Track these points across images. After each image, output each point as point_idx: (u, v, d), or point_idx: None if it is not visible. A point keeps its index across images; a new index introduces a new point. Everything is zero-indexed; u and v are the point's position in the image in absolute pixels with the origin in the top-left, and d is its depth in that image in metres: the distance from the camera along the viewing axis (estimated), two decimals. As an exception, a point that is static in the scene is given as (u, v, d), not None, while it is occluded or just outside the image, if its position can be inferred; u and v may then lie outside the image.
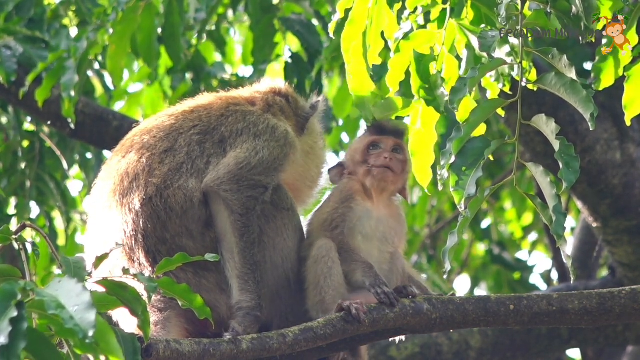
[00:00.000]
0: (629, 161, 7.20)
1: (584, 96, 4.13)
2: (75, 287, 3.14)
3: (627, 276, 7.51)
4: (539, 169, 4.18)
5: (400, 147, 4.70)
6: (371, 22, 4.62)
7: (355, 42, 4.65)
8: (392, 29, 4.61)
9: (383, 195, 4.66)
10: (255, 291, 4.38)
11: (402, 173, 4.68)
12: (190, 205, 4.44)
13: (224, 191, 4.44)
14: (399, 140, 4.70)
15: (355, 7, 4.62)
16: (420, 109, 4.60)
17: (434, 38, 4.54)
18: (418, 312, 4.30)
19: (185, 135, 4.58)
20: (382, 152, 4.66)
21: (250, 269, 4.40)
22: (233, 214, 4.43)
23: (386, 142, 4.69)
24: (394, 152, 4.67)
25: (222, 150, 4.56)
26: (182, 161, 4.51)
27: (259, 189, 4.50)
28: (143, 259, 4.38)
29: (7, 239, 3.65)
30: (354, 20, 4.64)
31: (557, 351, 7.64)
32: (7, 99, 7.54)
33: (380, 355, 7.34)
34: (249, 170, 4.49)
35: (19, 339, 3.06)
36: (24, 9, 7.41)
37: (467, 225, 4.19)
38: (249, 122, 4.62)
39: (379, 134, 4.70)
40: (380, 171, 4.63)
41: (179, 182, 4.45)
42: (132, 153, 4.56)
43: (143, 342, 3.67)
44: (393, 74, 4.59)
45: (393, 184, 4.66)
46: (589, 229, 8.33)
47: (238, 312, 4.35)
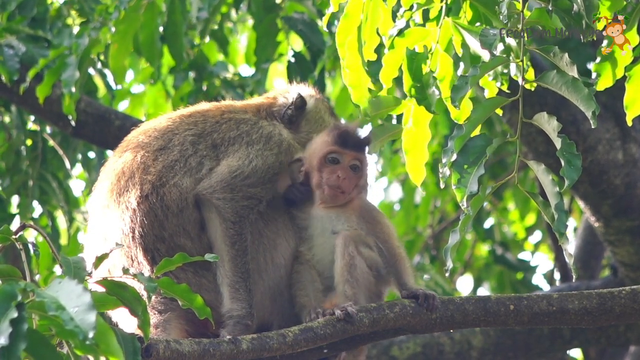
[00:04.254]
0: (631, 161, 7.19)
1: (586, 94, 4.13)
2: (76, 288, 3.14)
3: (629, 276, 7.50)
4: (540, 167, 4.18)
5: (359, 161, 4.60)
6: (366, 18, 4.61)
7: (351, 37, 4.64)
8: (387, 26, 4.61)
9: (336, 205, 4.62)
10: (246, 299, 4.38)
11: (355, 188, 4.60)
12: (185, 204, 4.45)
13: (217, 199, 4.44)
14: (359, 155, 4.60)
15: (350, 2, 4.61)
16: (412, 108, 4.59)
17: (429, 36, 4.53)
18: (418, 312, 4.30)
19: (180, 135, 4.59)
20: (338, 169, 4.56)
21: (242, 277, 4.40)
22: (225, 221, 4.43)
23: (345, 158, 4.59)
24: (351, 169, 4.58)
25: (215, 155, 4.55)
26: (175, 159, 4.52)
27: (254, 200, 4.50)
28: (142, 257, 4.39)
29: (7, 239, 3.65)
30: (348, 14, 4.63)
31: (558, 351, 7.64)
32: (9, 98, 7.55)
33: (382, 355, 7.34)
34: (242, 179, 4.48)
35: (19, 340, 3.06)
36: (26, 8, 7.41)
37: (469, 223, 4.18)
38: (242, 131, 4.61)
39: (341, 145, 4.59)
40: (331, 192, 4.56)
41: (174, 179, 4.47)
42: (127, 152, 4.58)
43: (143, 342, 3.67)
44: (386, 71, 4.57)
45: (344, 199, 4.59)
46: (592, 229, 8.32)
47: (228, 320, 4.35)
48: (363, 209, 4.61)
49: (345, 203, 4.60)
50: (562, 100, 4.26)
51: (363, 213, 4.60)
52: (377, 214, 4.64)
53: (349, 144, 4.59)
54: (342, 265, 4.45)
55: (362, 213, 4.60)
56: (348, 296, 4.38)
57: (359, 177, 4.60)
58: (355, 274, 4.44)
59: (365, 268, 4.49)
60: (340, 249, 4.47)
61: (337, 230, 4.55)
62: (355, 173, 4.59)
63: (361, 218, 4.59)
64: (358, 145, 4.61)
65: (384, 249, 4.52)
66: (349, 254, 4.46)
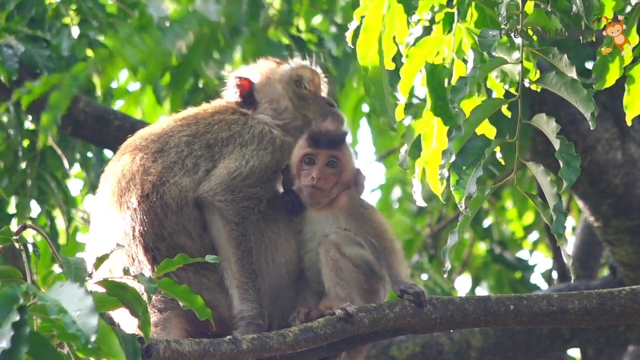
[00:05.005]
0: (630, 161, 7.20)
1: (585, 95, 4.13)
2: (78, 291, 3.15)
3: (628, 276, 7.51)
4: (539, 168, 4.18)
5: (336, 158, 4.60)
6: (385, 28, 4.59)
7: (372, 50, 4.60)
8: (403, 34, 4.59)
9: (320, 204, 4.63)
10: (255, 299, 4.39)
11: (336, 184, 4.59)
12: (185, 203, 4.46)
13: (219, 201, 4.46)
14: (334, 152, 4.60)
15: (369, 14, 4.59)
16: (435, 125, 4.57)
17: (443, 43, 4.53)
18: (418, 312, 4.30)
19: (175, 137, 4.61)
20: (312, 170, 4.57)
21: (249, 277, 4.41)
22: (228, 223, 4.44)
23: (319, 157, 4.59)
24: (328, 167, 4.59)
25: (210, 155, 4.56)
26: (173, 160, 4.54)
27: (254, 200, 4.51)
28: (142, 257, 4.40)
29: (7, 240, 3.65)
30: (368, 27, 4.60)
31: (558, 351, 7.64)
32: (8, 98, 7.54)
33: (381, 354, 7.34)
34: (241, 180, 4.50)
35: (21, 344, 3.06)
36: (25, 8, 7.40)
37: (467, 225, 4.19)
38: (234, 131, 4.63)
39: (313, 146, 4.59)
40: (309, 192, 4.56)
41: (174, 178, 4.49)
42: (126, 155, 4.61)
43: (143, 342, 3.67)
44: (405, 82, 4.57)
45: (326, 197, 4.59)
46: (590, 228, 8.32)
47: (240, 322, 4.36)
48: (350, 206, 4.60)
49: (331, 203, 4.60)
50: (561, 99, 4.26)
51: (350, 211, 4.59)
52: (365, 210, 4.62)
53: (321, 142, 4.59)
54: (328, 270, 4.47)
55: (349, 211, 4.59)
56: (342, 298, 4.39)
57: (337, 173, 4.60)
58: (343, 276, 4.46)
59: (351, 268, 4.49)
60: (324, 256, 4.49)
61: (327, 233, 4.57)
62: (333, 170, 4.59)
63: (349, 217, 4.58)
64: (331, 142, 4.60)
65: (376, 244, 4.51)
66: (331, 258, 4.48)
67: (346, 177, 4.63)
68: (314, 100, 4.82)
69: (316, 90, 4.89)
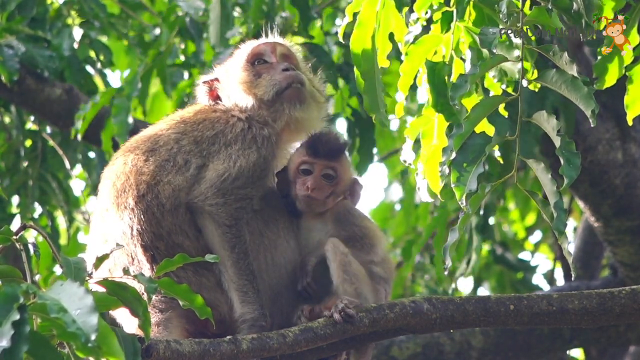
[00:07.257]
0: (631, 161, 7.20)
1: (585, 93, 4.13)
2: (78, 290, 3.15)
3: (629, 276, 7.51)
4: (540, 165, 4.17)
5: (332, 170, 4.60)
6: (379, 25, 4.59)
7: (365, 46, 4.59)
8: (401, 31, 4.59)
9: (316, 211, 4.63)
10: (256, 301, 4.38)
11: (331, 195, 4.60)
12: (178, 203, 4.46)
13: (209, 205, 4.45)
14: (332, 163, 4.60)
15: (364, 10, 4.58)
16: (435, 123, 4.57)
17: (441, 42, 4.53)
18: (418, 312, 4.30)
19: (164, 136, 4.62)
20: (308, 180, 4.57)
21: (247, 279, 4.40)
22: (220, 226, 4.43)
23: (317, 167, 4.60)
24: (325, 178, 4.59)
25: (198, 152, 4.55)
26: (165, 158, 4.55)
27: (246, 200, 4.50)
28: (141, 256, 4.40)
29: (7, 240, 3.65)
30: (362, 23, 4.59)
31: (559, 351, 7.64)
32: (9, 98, 7.55)
33: (382, 355, 7.34)
34: (231, 182, 4.48)
35: (21, 343, 3.07)
36: (26, 8, 7.42)
37: (468, 222, 4.19)
38: (218, 130, 4.61)
39: (312, 155, 4.60)
40: (305, 200, 4.57)
41: (167, 177, 4.50)
42: (119, 159, 4.63)
43: (143, 342, 3.67)
44: (404, 80, 4.57)
45: (322, 206, 4.60)
46: (591, 229, 8.32)
47: (242, 324, 4.35)
48: (339, 213, 4.61)
49: (325, 211, 4.61)
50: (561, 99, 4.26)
51: (338, 217, 4.61)
52: (352, 216, 4.62)
53: (320, 152, 4.59)
54: (336, 265, 4.45)
55: (337, 217, 4.61)
56: (350, 294, 4.38)
57: (333, 185, 4.60)
58: (352, 270, 4.45)
59: (359, 264, 4.49)
60: (331, 253, 4.47)
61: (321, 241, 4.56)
62: (328, 182, 4.59)
63: (337, 223, 4.60)
64: (330, 153, 4.60)
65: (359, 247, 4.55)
66: (341, 252, 4.47)
67: (342, 187, 4.63)
68: (268, 71, 4.75)
69: (284, 60, 4.81)
